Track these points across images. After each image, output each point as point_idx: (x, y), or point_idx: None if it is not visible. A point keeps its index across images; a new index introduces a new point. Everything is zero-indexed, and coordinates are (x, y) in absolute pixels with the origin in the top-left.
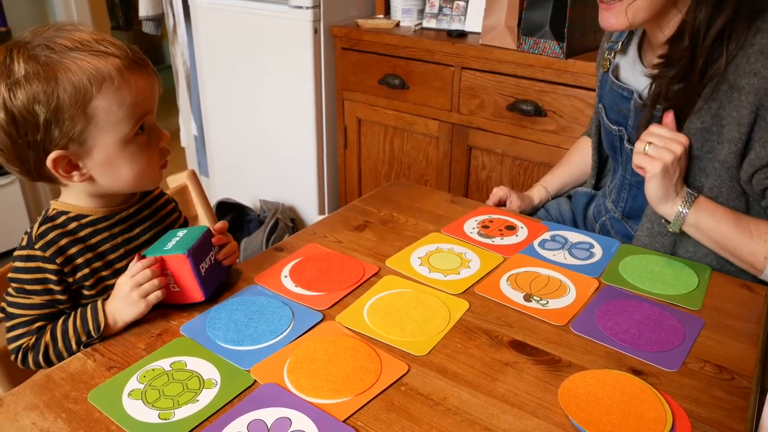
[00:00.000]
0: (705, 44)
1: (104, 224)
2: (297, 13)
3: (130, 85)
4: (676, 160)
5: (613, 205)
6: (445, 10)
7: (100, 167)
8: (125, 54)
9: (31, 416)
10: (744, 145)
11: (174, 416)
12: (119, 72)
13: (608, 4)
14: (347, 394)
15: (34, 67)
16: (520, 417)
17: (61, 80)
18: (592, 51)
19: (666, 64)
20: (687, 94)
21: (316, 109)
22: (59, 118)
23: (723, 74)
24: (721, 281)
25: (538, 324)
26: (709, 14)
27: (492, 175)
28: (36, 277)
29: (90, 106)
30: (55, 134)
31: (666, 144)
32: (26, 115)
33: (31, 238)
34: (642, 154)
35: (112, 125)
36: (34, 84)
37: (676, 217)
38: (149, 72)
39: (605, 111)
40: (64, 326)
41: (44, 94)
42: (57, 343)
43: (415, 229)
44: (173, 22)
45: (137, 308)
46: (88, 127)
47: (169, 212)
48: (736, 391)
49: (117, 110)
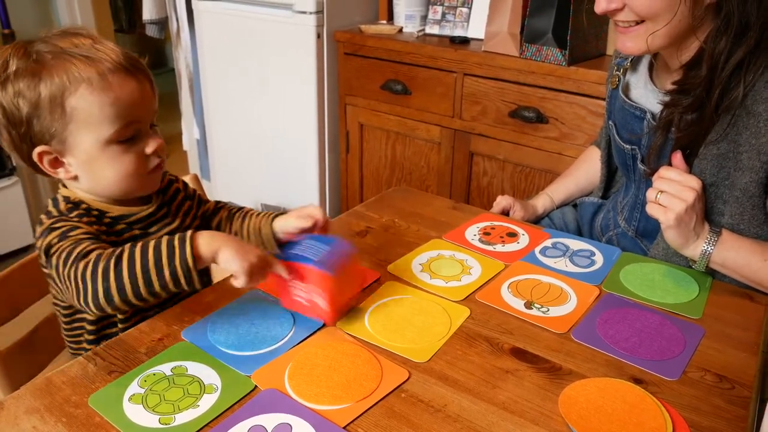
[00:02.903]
0: (723, 74)
1: (124, 222)
2: (300, 18)
3: (113, 89)
4: (690, 208)
5: (625, 223)
6: (448, 16)
7: (82, 167)
8: (116, 59)
9: (31, 420)
10: (766, 174)
11: (174, 421)
12: (102, 75)
13: (625, 28)
14: (348, 400)
15: (24, 64)
16: (521, 425)
17: (44, 77)
18: (594, 58)
19: (681, 91)
20: (700, 124)
21: (318, 114)
22: (39, 114)
23: (740, 102)
24: (722, 290)
25: (539, 331)
26: (730, 45)
27: (493, 181)
28: (73, 224)
29: (67, 104)
30: (37, 129)
31: (678, 192)
32: (12, 108)
33: (61, 212)
34: (655, 203)
35: (92, 126)
36: (20, 80)
37: (702, 257)
38: (140, 79)
39: (616, 129)
40: (148, 245)
41: (27, 89)
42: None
43: (416, 236)
44: (177, 25)
45: (242, 259)
46: (68, 125)
47: (186, 211)
48: (736, 401)
49: (97, 112)
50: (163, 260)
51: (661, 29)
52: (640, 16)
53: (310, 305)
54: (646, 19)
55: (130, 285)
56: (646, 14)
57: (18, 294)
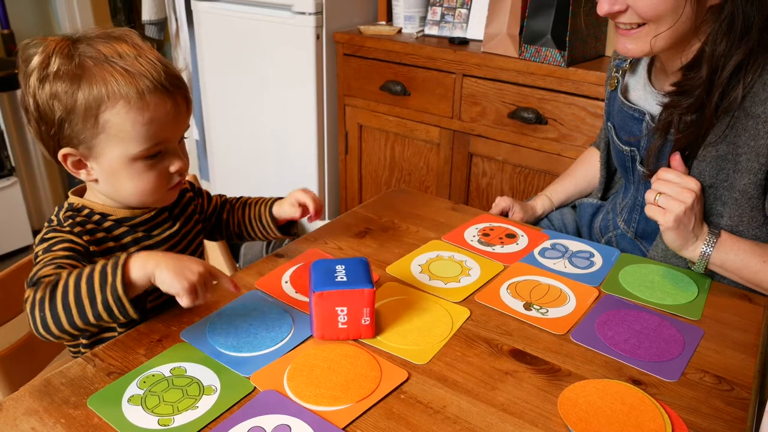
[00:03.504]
0: (723, 75)
1: (127, 224)
2: (299, 19)
3: (149, 109)
4: (689, 209)
5: (624, 224)
6: (447, 17)
7: (104, 175)
8: (157, 77)
9: (30, 421)
10: (765, 176)
11: (173, 422)
12: (140, 94)
13: (627, 30)
14: (347, 401)
15: (66, 67)
16: (520, 426)
17: (83, 86)
18: (593, 59)
19: (680, 92)
20: (699, 126)
21: (318, 115)
22: (72, 119)
23: (740, 104)
24: (721, 291)
25: (538, 333)
26: (729, 46)
27: (492, 182)
28: (62, 237)
29: (101, 117)
30: (67, 132)
31: (677, 194)
32: (46, 107)
33: (60, 221)
34: (653, 205)
35: (122, 141)
36: (59, 82)
37: (701, 258)
38: (177, 99)
39: (615, 130)
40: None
41: (64, 93)
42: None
43: (415, 237)
44: (176, 26)
45: (180, 278)
46: (99, 135)
47: (190, 214)
48: (735, 402)
49: (129, 129)
50: (95, 289)
51: (665, 31)
52: (643, 18)
53: (349, 327)
54: (649, 21)
55: (64, 315)
56: (650, 16)
57: (17, 295)
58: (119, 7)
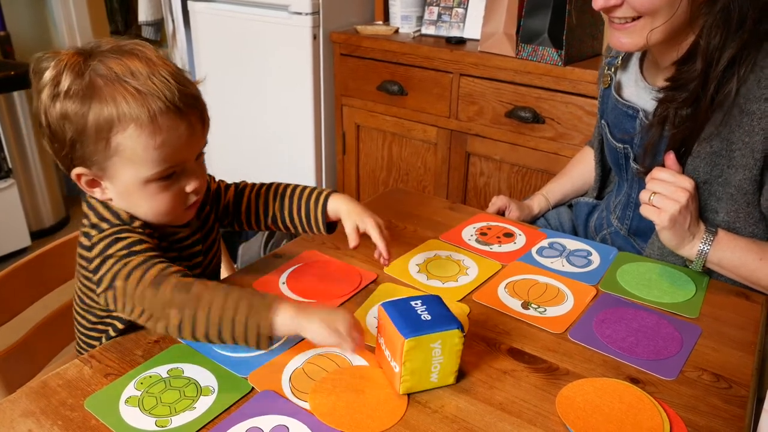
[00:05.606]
0: (718, 69)
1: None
2: (296, 19)
3: (161, 132)
4: (684, 208)
5: (618, 222)
6: (444, 17)
7: (119, 195)
8: (170, 97)
9: (27, 423)
10: (760, 171)
11: (171, 423)
12: (152, 117)
13: (621, 24)
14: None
15: (77, 86)
16: (518, 425)
17: (94, 107)
18: (590, 58)
19: (675, 87)
20: (695, 120)
21: (315, 115)
22: (83, 140)
23: (734, 98)
24: (719, 289)
25: (536, 332)
26: (724, 39)
27: (490, 181)
28: (138, 238)
29: (113, 140)
30: (79, 153)
31: (671, 193)
32: (57, 127)
33: (122, 220)
34: (648, 204)
35: (135, 164)
36: (70, 102)
37: (698, 256)
38: (191, 120)
39: (609, 128)
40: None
41: (75, 114)
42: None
43: (413, 236)
44: (172, 27)
45: (332, 335)
46: (112, 158)
47: (212, 226)
48: (733, 400)
49: (141, 152)
50: (241, 328)
51: (660, 25)
52: (640, 12)
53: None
54: (645, 14)
55: (203, 329)
56: (646, 10)
57: (14, 297)
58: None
